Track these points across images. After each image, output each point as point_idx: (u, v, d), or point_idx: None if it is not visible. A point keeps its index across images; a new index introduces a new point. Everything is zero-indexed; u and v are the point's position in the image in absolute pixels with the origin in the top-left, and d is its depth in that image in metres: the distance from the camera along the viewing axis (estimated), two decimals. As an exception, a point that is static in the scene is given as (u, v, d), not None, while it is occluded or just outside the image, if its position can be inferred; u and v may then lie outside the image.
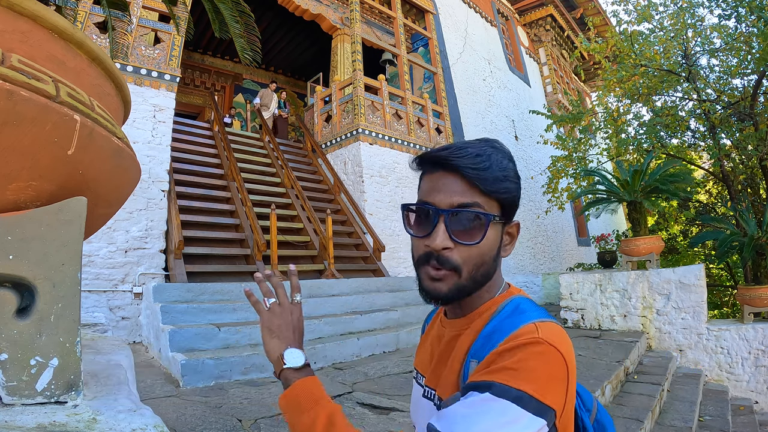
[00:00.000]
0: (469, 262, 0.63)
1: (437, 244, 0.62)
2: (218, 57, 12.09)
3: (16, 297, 0.69)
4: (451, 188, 0.63)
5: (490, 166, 0.63)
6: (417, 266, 0.67)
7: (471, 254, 0.63)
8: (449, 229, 0.62)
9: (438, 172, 0.65)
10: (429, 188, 0.66)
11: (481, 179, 0.62)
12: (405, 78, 8.63)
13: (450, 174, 0.64)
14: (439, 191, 0.64)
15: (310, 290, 4.80)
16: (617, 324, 5.51)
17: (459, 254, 0.63)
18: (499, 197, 0.64)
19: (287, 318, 0.78)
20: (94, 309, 4.30)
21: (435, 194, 0.64)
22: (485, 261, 0.65)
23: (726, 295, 11.24)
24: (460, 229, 0.63)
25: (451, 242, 0.62)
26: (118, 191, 0.95)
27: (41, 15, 0.74)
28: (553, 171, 8.45)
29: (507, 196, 0.65)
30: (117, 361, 1.06)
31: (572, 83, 16.06)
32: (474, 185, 0.63)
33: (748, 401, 4.57)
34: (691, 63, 7.05)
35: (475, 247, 0.63)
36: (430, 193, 0.65)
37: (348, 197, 7.08)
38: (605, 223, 13.14)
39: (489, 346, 0.61)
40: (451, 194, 0.63)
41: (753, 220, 5.23)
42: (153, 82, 5.30)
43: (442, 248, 0.62)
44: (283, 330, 0.76)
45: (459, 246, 0.63)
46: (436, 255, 0.63)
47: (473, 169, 0.62)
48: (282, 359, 0.73)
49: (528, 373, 0.54)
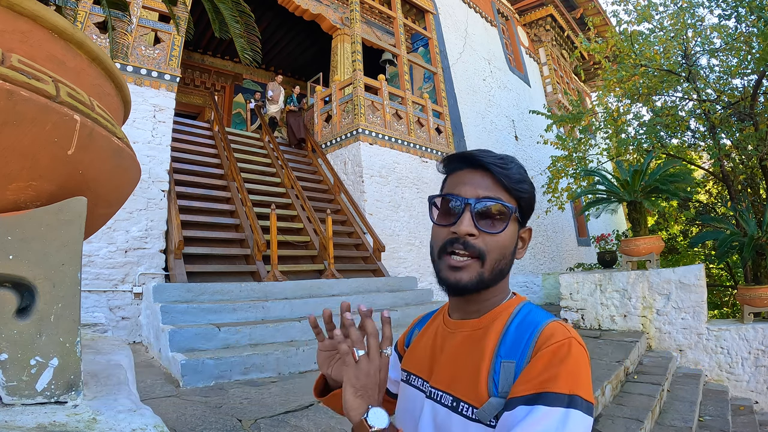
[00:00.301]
0: (492, 252, 0.68)
1: (463, 228, 0.66)
2: (218, 57, 12.09)
3: (16, 297, 0.69)
4: (478, 182, 0.69)
5: (511, 168, 0.70)
6: (438, 256, 0.70)
7: (494, 244, 0.68)
8: (474, 218, 0.67)
9: (464, 170, 0.72)
10: (455, 182, 0.71)
11: (505, 176, 0.68)
12: (405, 78, 8.63)
13: (477, 171, 0.70)
14: (465, 184, 0.70)
15: (310, 290, 4.80)
16: (617, 324, 5.51)
17: (483, 242, 0.67)
18: (519, 196, 0.70)
19: (375, 376, 0.65)
20: (94, 309, 4.30)
21: (461, 187, 0.70)
22: (505, 255, 0.69)
23: (726, 295, 11.24)
24: (484, 218, 0.68)
25: (476, 230, 0.67)
26: (118, 191, 0.95)
27: (41, 15, 0.74)
28: (553, 171, 8.45)
29: (525, 196, 0.71)
30: (117, 361, 1.06)
31: (572, 83, 16.06)
32: (498, 181, 0.69)
33: (748, 401, 4.57)
34: (691, 63, 7.05)
35: (497, 237, 0.68)
36: (457, 186, 0.71)
37: (348, 197, 7.08)
38: (605, 223, 13.14)
39: (521, 346, 0.64)
40: (476, 187, 0.69)
41: (753, 220, 5.23)
42: (153, 82, 5.30)
43: (467, 233, 0.66)
44: (368, 387, 0.64)
45: (482, 234, 0.67)
46: (462, 240, 0.67)
47: (499, 167, 0.69)
48: (366, 422, 0.62)
49: (576, 377, 0.58)
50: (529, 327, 0.66)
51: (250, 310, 4.03)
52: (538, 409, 0.56)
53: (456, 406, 0.67)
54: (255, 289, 4.40)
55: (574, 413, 0.55)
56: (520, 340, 0.65)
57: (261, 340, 3.72)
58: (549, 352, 0.60)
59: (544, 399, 0.56)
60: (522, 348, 0.64)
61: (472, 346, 0.70)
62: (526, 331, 0.65)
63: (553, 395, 0.56)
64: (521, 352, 0.63)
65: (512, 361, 0.64)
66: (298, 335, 3.94)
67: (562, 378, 0.57)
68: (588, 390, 0.58)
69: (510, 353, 0.65)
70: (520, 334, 0.66)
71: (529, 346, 0.63)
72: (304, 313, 4.34)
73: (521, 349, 0.64)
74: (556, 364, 0.59)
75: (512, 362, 0.64)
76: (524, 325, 0.67)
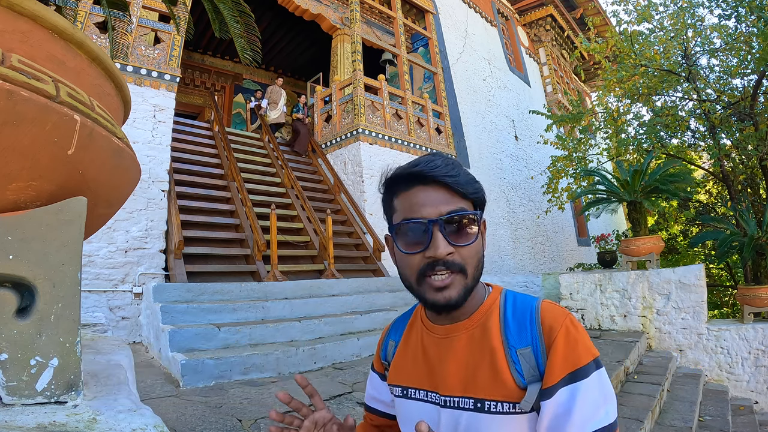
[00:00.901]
0: (471, 262, 0.68)
1: (441, 251, 0.65)
2: (218, 57, 12.09)
3: (16, 297, 0.69)
4: (436, 199, 0.67)
5: (459, 173, 0.68)
6: (417, 282, 0.68)
7: (470, 254, 0.68)
8: (446, 236, 0.66)
9: (414, 188, 0.69)
10: (410, 205, 0.68)
11: (459, 184, 0.67)
12: (405, 78, 8.63)
13: (429, 187, 0.68)
14: (423, 205, 0.67)
15: (310, 290, 4.80)
16: (617, 324, 5.51)
17: (460, 256, 0.67)
18: (474, 197, 0.70)
19: None
20: (94, 309, 4.30)
21: (420, 208, 0.67)
22: (480, 258, 0.70)
23: (726, 295, 11.24)
24: (456, 233, 0.67)
25: (452, 247, 0.66)
26: (118, 191, 0.95)
27: (41, 15, 0.74)
28: (553, 171, 8.45)
29: (478, 196, 0.71)
30: (117, 361, 1.06)
31: (572, 83, 16.06)
32: (455, 191, 0.68)
33: (748, 401, 4.57)
34: (691, 63, 7.04)
35: (473, 247, 0.68)
36: (414, 209, 0.68)
37: (348, 197, 7.08)
38: (605, 223, 13.14)
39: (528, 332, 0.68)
40: (437, 204, 0.67)
41: (753, 220, 5.23)
42: (153, 82, 5.30)
43: (447, 254, 0.66)
44: None
45: (459, 249, 0.67)
46: (441, 261, 0.66)
47: (450, 177, 0.67)
48: None
49: (588, 344, 0.66)
50: (526, 312, 0.70)
51: (250, 310, 4.03)
52: (581, 384, 0.62)
53: (481, 406, 0.67)
54: (255, 289, 4.40)
55: (601, 371, 0.64)
56: (523, 326, 0.68)
57: (261, 340, 3.72)
58: (564, 335, 0.65)
59: (580, 374, 0.63)
60: (530, 333, 0.67)
61: (477, 345, 0.70)
62: (524, 316, 0.69)
63: (584, 368, 0.63)
64: (531, 336, 0.67)
65: (527, 347, 0.67)
66: (298, 335, 3.94)
67: (583, 352, 0.64)
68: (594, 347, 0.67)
69: (520, 341, 0.67)
70: (521, 321, 0.69)
71: (536, 329, 0.67)
72: (304, 313, 4.34)
73: (529, 334, 0.67)
74: (574, 343, 0.65)
75: (527, 348, 0.67)
76: (519, 312, 0.70)
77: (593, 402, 0.62)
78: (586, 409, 0.61)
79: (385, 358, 0.86)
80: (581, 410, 0.61)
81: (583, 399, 0.62)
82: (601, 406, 0.62)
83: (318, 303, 4.50)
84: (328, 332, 4.14)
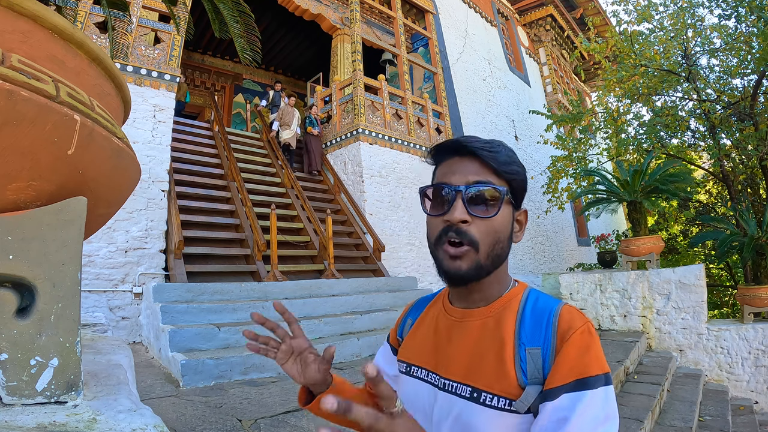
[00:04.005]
0: (486, 239, 0.68)
1: (456, 216, 0.67)
2: (218, 57, 12.08)
3: (16, 297, 0.69)
4: (467, 169, 0.69)
5: (499, 151, 0.70)
6: (435, 247, 0.70)
7: (487, 229, 0.68)
8: (466, 204, 0.67)
9: (453, 158, 0.72)
10: (444, 172, 0.72)
11: (493, 159, 0.68)
12: (405, 78, 8.63)
13: (465, 158, 0.70)
14: (454, 173, 0.70)
15: (310, 290, 4.80)
16: (617, 324, 5.51)
17: (476, 228, 0.67)
18: (509, 178, 0.70)
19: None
20: (94, 309, 4.30)
21: (451, 175, 0.70)
22: (500, 239, 0.69)
23: (726, 295, 11.23)
24: (477, 204, 0.68)
25: (469, 216, 0.67)
26: (118, 191, 0.95)
27: (41, 15, 0.74)
28: (553, 171, 8.45)
29: (516, 178, 0.70)
30: (117, 361, 1.06)
31: (572, 83, 16.06)
32: (487, 165, 0.69)
33: (748, 401, 4.57)
34: (691, 63, 7.04)
35: (491, 222, 0.68)
36: (446, 175, 0.71)
37: (348, 197, 7.08)
38: (605, 223, 13.14)
39: (542, 332, 0.66)
40: (466, 174, 0.69)
41: (753, 220, 5.23)
42: (153, 82, 5.30)
43: (460, 220, 0.67)
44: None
45: (476, 220, 0.67)
46: (454, 228, 0.67)
47: (486, 150, 0.69)
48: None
49: (601, 358, 0.63)
50: (544, 313, 0.67)
51: (250, 310, 4.02)
52: (585, 394, 0.60)
53: (477, 396, 0.66)
54: (255, 289, 4.40)
55: (609, 388, 0.61)
56: (538, 326, 0.67)
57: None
58: (577, 340, 0.63)
59: (587, 384, 0.60)
60: (544, 334, 0.66)
61: (488, 335, 0.69)
62: (542, 316, 0.67)
63: (593, 379, 0.61)
64: (544, 338, 0.65)
65: (537, 348, 0.65)
66: (298, 335, 3.94)
67: (594, 362, 0.62)
68: (606, 364, 0.64)
69: (532, 340, 0.66)
70: (537, 320, 0.67)
71: (551, 331, 0.65)
72: (304, 313, 4.34)
73: (543, 335, 0.66)
74: (586, 350, 0.63)
75: (537, 348, 0.65)
76: (538, 311, 0.68)
77: (593, 417, 0.59)
78: (585, 422, 0.58)
79: (401, 334, 0.88)
80: (579, 422, 0.58)
81: (584, 411, 0.59)
82: (600, 424, 0.59)
83: (318, 303, 4.50)
84: (328, 332, 4.14)
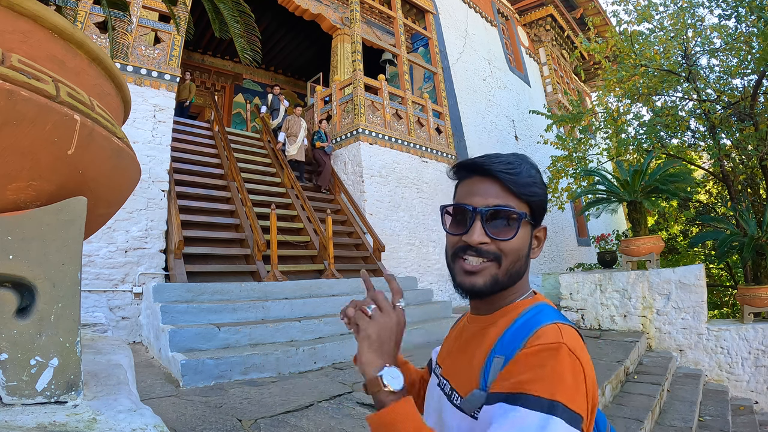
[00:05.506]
0: (508, 255, 0.69)
1: (474, 239, 0.68)
2: (218, 57, 12.09)
3: (16, 297, 0.69)
4: (487, 191, 0.70)
5: (520, 172, 0.69)
6: (452, 261, 0.72)
7: (508, 248, 0.69)
8: (485, 226, 0.68)
9: (473, 178, 0.72)
10: (465, 192, 0.72)
11: (513, 182, 0.69)
12: (405, 78, 8.63)
13: (485, 179, 0.70)
14: (475, 194, 0.70)
15: (310, 290, 4.80)
16: (617, 324, 5.51)
17: (497, 247, 0.69)
18: (529, 200, 0.70)
19: (390, 325, 0.67)
20: (94, 309, 4.30)
21: (471, 197, 0.70)
22: (519, 257, 0.70)
23: (726, 295, 11.23)
24: (495, 226, 0.69)
25: (487, 238, 0.68)
26: (118, 191, 0.95)
27: (41, 15, 0.73)
28: (553, 171, 8.45)
29: (536, 200, 0.71)
30: (117, 361, 1.06)
31: (572, 83, 16.07)
32: (507, 188, 0.69)
33: (748, 401, 4.57)
34: (691, 63, 7.04)
35: (509, 244, 0.69)
36: (467, 197, 0.71)
37: (348, 197, 7.08)
38: (605, 223, 13.14)
39: (514, 345, 0.63)
40: (486, 196, 0.69)
41: (753, 220, 5.23)
42: (153, 82, 5.30)
43: (479, 243, 0.68)
44: (384, 341, 0.66)
45: (494, 242, 0.68)
46: (475, 248, 0.68)
47: (506, 173, 0.69)
48: (381, 380, 0.62)
49: (558, 383, 0.55)
50: (531, 326, 0.64)
51: (250, 310, 4.03)
52: (517, 410, 0.54)
53: (449, 393, 0.71)
54: (255, 289, 4.40)
55: (555, 421, 0.52)
56: (517, 337, 0.64)
57: (261, 340, 3.72)
58: (532, 353, 0.59)
59: (523, 400, 0.55)
60: (514, 345, 0.63)
61: (478, 340, 0.72)
62: (526, 329, 0.64)
63: (533, 398, 0.54)
64: (512, 349, 0.63)
65: (502, 357, 0.64)
66: (298, 335, 3.94)
67: (542, 381, 0.55)
68: (574, 399, 0.55)
69: (503, 349, 0.65)
70: (520, 333, 0.65)
71: (520, 344, 0.62)
72: (304, 314, 4.34)
73: (513, 346, 0.63)
74: (537, 366, 0.57)
75: (501, 358, 0.64)
76: (527, 324, 0.66)
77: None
78: None
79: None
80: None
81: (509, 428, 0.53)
82: None
83: (318, 303, 4.50)
84: (328, 332, 4.14)
